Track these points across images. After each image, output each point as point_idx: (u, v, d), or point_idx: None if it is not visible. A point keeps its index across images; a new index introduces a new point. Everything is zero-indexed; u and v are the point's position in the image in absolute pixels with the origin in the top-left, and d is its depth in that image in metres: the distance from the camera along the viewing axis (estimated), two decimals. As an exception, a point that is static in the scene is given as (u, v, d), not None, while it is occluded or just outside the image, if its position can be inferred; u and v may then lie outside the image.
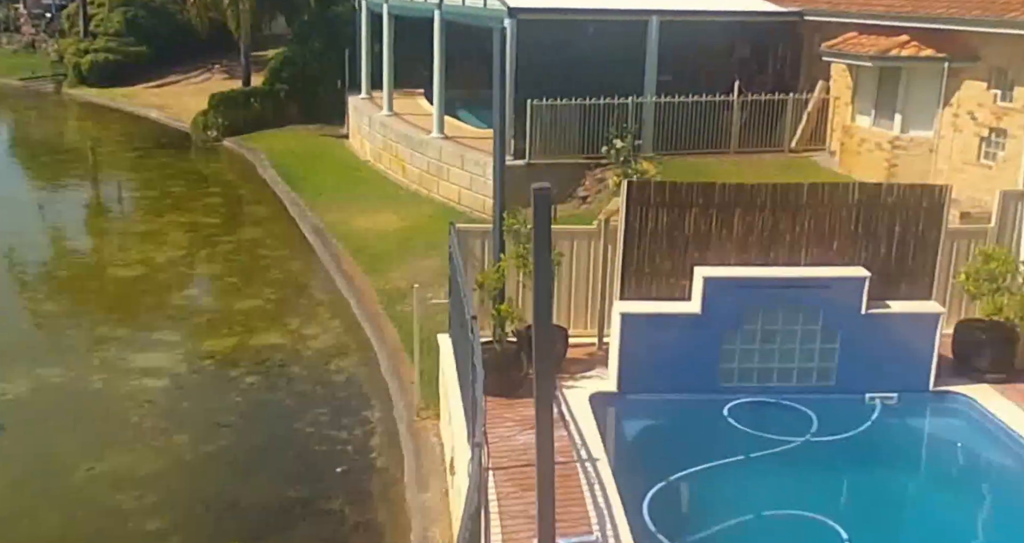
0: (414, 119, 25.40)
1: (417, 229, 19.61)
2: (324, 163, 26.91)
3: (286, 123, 31.32)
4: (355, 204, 22.07)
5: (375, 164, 25.90)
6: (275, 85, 32.07)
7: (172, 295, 17.90)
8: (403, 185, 23.59)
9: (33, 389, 13.82)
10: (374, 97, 28.04)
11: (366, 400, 13.42)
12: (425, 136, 23.29)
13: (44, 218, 22.66)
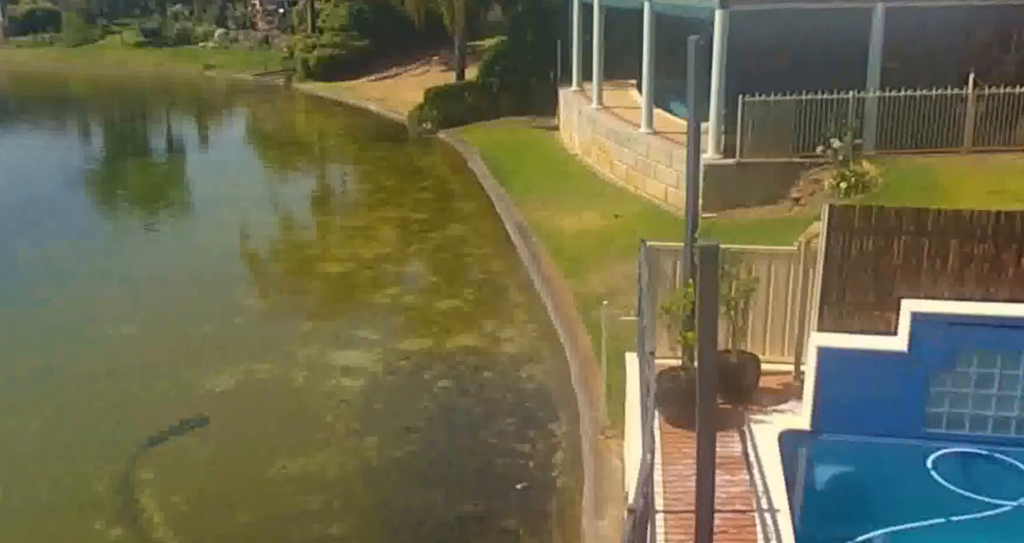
0: (623, 112, 24.90)
1: (620, 229, 19.16)
2: (533, 157, 26.89)
3: (499, 115, 31.56)
4: (560, 201, 21.87)
5: (583, 159, 25.62)
6: (488, 78, 32.37)
7: (376, 293, 18.29)
8: (610, 181, 23.19)
9: (240, 383, 14.42)
10: (585, 89, 27.73)
11: (553, 412, 13.17)
12: (633, 131, 22.77)
13: (265, 213, 23.77)
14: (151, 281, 19.25)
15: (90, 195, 27.48)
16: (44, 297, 18.52)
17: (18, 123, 39.89)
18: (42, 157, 31.86)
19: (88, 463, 12.32)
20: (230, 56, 48.87)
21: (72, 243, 21.80)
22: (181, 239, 22.67)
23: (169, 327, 16.78)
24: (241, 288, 18.50)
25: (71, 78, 49.28)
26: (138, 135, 37.61)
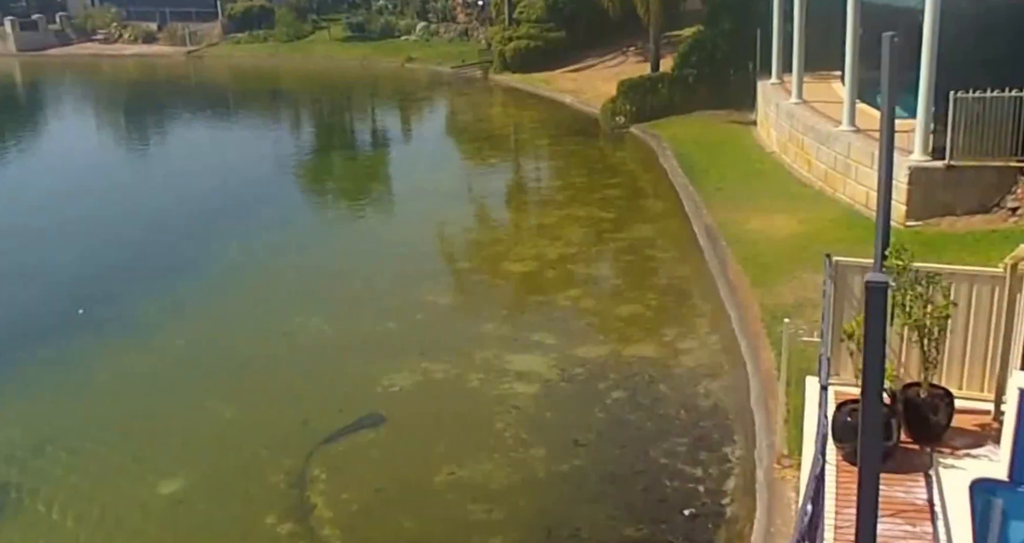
0: (824, 108, 23.60)
1: (815, 235, 18.17)
2: (726, 153, 25.99)
3: (694, 109, 30.71)
4: (752, 202, 20.99)
5: (780, 156, 24.52)
6: (683, 70, 31.53)
7: (557, 294, 18.10)
8: (807, 182, 22.07)
9: (417, 383, 14.58)
10: (784, 82, 26.51)
11: (729, 433, 12.59)
12: (833, 128, 21.54)
13: (456, 207, 24.03)
14: (343, 274, 19.84)
15: (294, 187, 28.62)
16: (243, 286, 19.47)
17: (235, 115, 42.23)
18: (254, 148, 33.53)
19: (267, 455, 12.76)
20: (430, 49, 49.98)
21: (273, 233, 22.79)
22: (374, 232, 23.25)
23: (355, 322, 17.22)
24: (426, 284, 18.71)
25: (283, 72, 51.76)
26: (343, 127, 39.00)
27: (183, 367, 15.66)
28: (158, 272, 20.27)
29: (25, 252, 21.99)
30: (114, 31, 63.29)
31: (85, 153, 34.86)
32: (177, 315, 17.83)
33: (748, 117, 28.63)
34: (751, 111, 28.63)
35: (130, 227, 23.77)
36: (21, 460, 12.80)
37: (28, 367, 15.70)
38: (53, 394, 14.78)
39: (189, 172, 30.35)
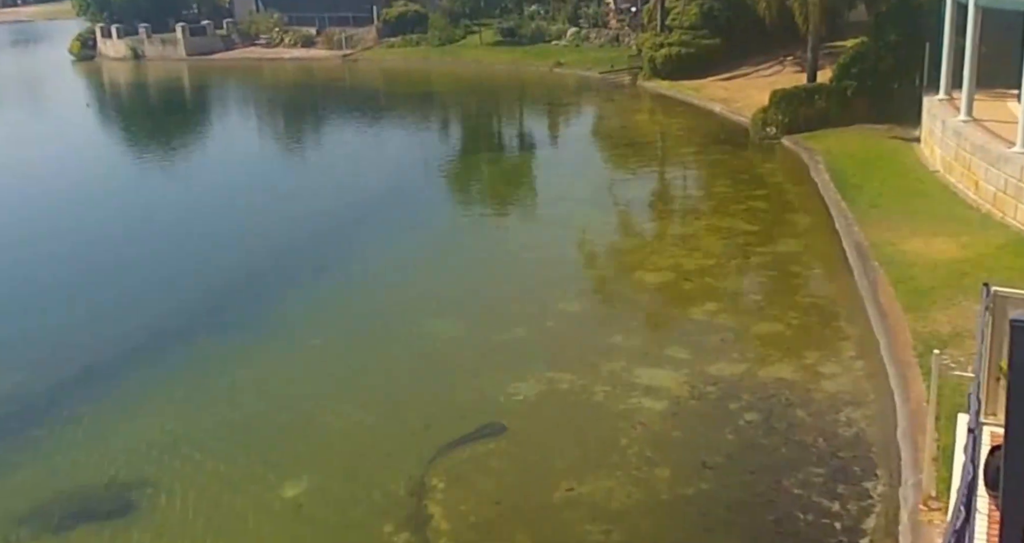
0: (997, 127, 22.01)
1: (979, 261, 16.90)
2: (884, 170, 24.60)
3: (852, 122, 29.27)
4: (909, 222, 19.73)
5: (944, 176, 23.02)
6: (842, 81, 30.12)
7: (693, 308, 17.39)
8: (972, 204, 20.59)
9: (541, 393, 14.19)
10: (953, 98, 24.90)
11: (871, 467, 11.68)
12: (1006, 149, 20.03)
13: (595, 214, 23.51)
14: (478, 278, 19.68)
15: (438, 189, 28.67)
16: (379, 287, 19.50)
17: (385, 117, 42.85)
18: (402, 149, 33.87)
19: (389, 461, 12.62)
20: (580, 54, 49.60)
21: (413, 235, 22.82)
22: (512, 237, 22.96)
23: (485, 327, 16.96)
24: (558, 291, 18.31)
25: (433, 75, 52.33)
26: (490, 130, 39.02)
27: (315, 368, 15.75)
28: (300, 271, 20.59)
29: (181, 251, 22.65)
30: (276, 36, 65.38)
31: (244, 153, 35.97)
32: (315, 315, 17.98)
33: (911, 133, 27.08)
34: (914, 127, 27.07)
35: (276, 226, 24.25)
36: (157, 458, 13.00)
37: (170, 365, 16.04)
38: (190, 392, 15.08)
39: (338, 172, 30.91)
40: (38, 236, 23.94)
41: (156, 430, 13.78)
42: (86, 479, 12.72)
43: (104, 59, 68.50)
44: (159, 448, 13.24)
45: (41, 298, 19.57)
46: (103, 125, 45.72)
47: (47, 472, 12.93)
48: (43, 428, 14.10)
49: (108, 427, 14.07)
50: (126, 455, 13.14)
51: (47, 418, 14.39)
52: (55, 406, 14.79)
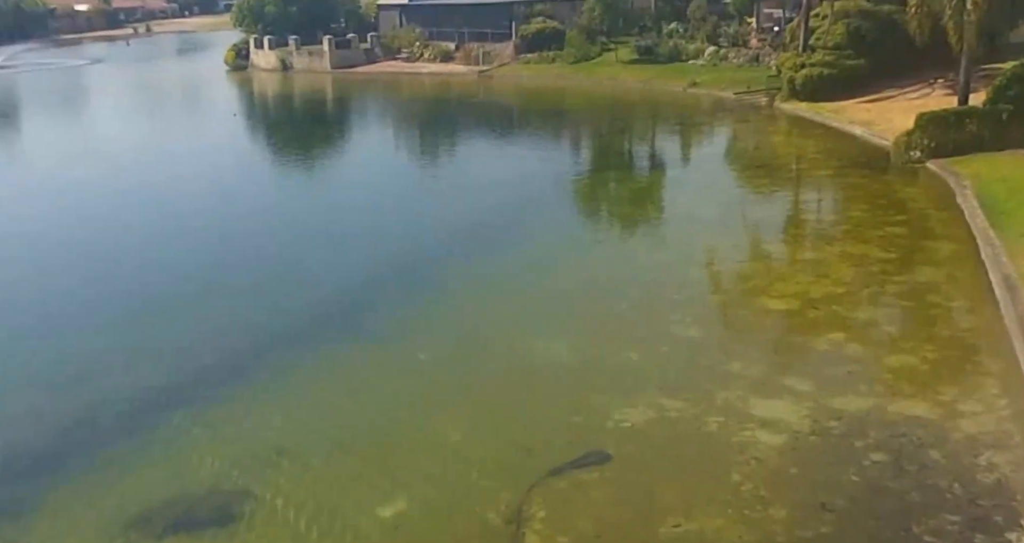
0: None
1: None
2: (1040, 197, 22.92)
3: (1005, 147, 27.47)
4: (1065, 253, 18.25)
5: (1106, 203, 21.30)
6: (997, 104, 28.34)
7: (818, 337, 16.41)
8: None
9: (651, 420, 13.56)
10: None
11: (1014, 517, 10.63)
12: None
13: (720, 235, 22.64)
14: (594, 298, 19.14)
15: (563, 205, 28.13)
16: (493, 302, 19.20)
17: (516, 133, 42.79)
18: (531, 165, 33.60)
19: (487, 485, 12.21)
20: (717, 73, 48.49)
21: (533, 251, 22.52)
22: (633, 257, 22.31)
23: (596, 349, 16.42)
24: (676, 314, 17.59)
25: (566, 92, 52.08)
26: (620, 149, 38.44)
27: (419, 383, 15.51)
28: (415, 283, 20.45)
29: (309, 258, 22.90)
30: (416, 50, 66.48)
31: (377, 164, 36.47)
32: (425, 328, 17.80)
33: (1073, 159, 25.25)
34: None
35: (399, 236, 24.38)
36: (256, 470, 12.92)
37: (273, 373, 16.09)
38: (293, 402, 15.05)
39: (466, 185, 30.93)
40: (174, 232, 24.88)
41: (258, 441, 13.74)
42: (190, 486, 12.73)
43: (255, 69, 71.16)
44: (259, 459, 13.18)
45: (173, 296, 20.09)
46: (246, 134, 47.17)
47: (156, 476, 13.00)
48: (157, 429, 14.24)
49: (215, 434, 14.13)
50: (229, 464, 13.11)
51: (161, 419, 14.53)
52: (169, 408, 14.92)
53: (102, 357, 16.92)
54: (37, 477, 13.10)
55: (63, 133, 47.46)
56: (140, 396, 15.36)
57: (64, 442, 14.12)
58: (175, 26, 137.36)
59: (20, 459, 13.66)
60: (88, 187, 32.42)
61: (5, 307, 19.80)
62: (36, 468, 13.37)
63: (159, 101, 60.58)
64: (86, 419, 14.76)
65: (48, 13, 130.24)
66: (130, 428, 14.32)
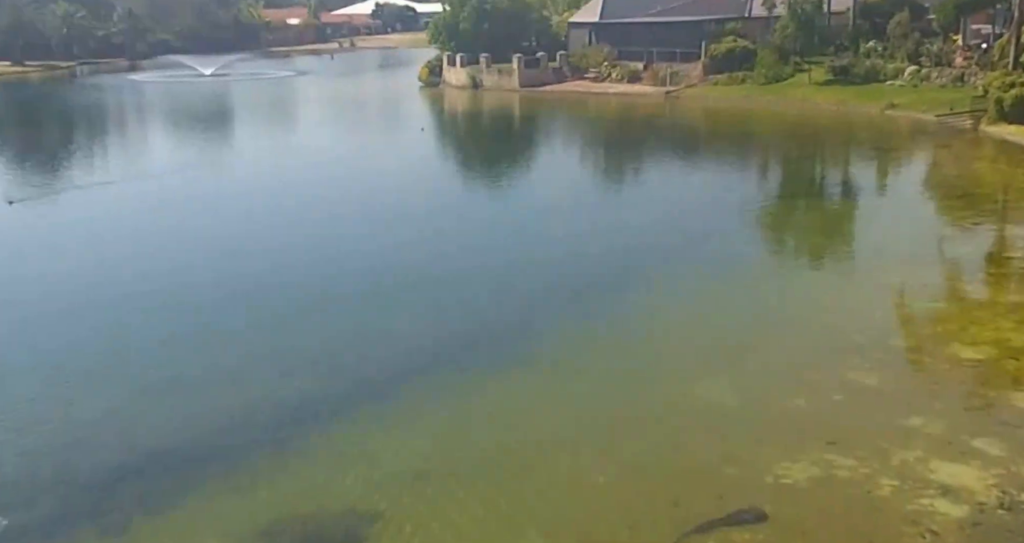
0: None
1: None
2: None
3: None
4: None
5: None
6: None
7: (1016, 393, 14.83)
8: None
9: (815, 478, 12.52)
10: None
11: None
12: None
13: (910, 271, 20.98)
14: (763, 336, 18.06)
15: (745, 233, 26.87)
16: (654, 333, 18.50)
17: (702, 157, 41.60)
18: (716, 191, 32.53)
19: (627, 536, 11.61)
20: (917, 94, 45.69)
21: (704, 280, 21.58)
22: (811, 292, 20.94)
23: (760, 393, 15.40)
24: (853, 359, 16.33)
25: (755, 115, 50.36)
26: (810, 175, 36.67)
27: (566, 415, 14.95)
28: (578, 308, 19.94)
29: (474, 273, 22.88)
30: (604, 70, 66.15)
31: (559, 183, 36.17)
32: (581, 357, 17.29)
33: None
34: None
35: (569, 258, 23.94)
36: (393, 493, 12.73)
37: (418, 393, 15.91)
38: (438, 425, 14.80)
39: (647, 209, 30.25)
40: (351, 243, 25.41)
41: (399, 462, 13.57)
42: (325, 502, 12.67)
43: (447, 86, 72.80)
44: (397, 481, 12.99)
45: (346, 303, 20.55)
46: (434, 148, 48.06)
47: (290, 491, 13.02)
48: (300, 440, 14.31)
49: (357, 451, 14.05)
50: (366, 484, 12.99)
51: (307, 430, 14.60)
52: (315, 420, 15.00)
53: (250, 361, 17.34)
54: (175, 479, 13.37)
55: (266, 142, 49.79)
56: (289, 404, 15.56)
57: (208, 445, 14.43)
58: (378, 42, 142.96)
59: (162, 459, 13.98)
60: (292, 193, 33.72)
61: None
62: (175, 470, 13.65)
63: (354, 115, 62.85)
64: (237, 422, 15.07)
65: (263, 26, 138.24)
66: (274, 437, 14.46)
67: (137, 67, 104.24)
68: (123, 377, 16.79)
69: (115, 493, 13.05)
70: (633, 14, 67.21)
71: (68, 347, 18.50)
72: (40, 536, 12.24)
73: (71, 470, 13.67)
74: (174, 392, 16.20)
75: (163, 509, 12.62)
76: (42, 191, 34.79)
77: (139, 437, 14.65)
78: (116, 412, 15.49)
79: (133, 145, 51.12)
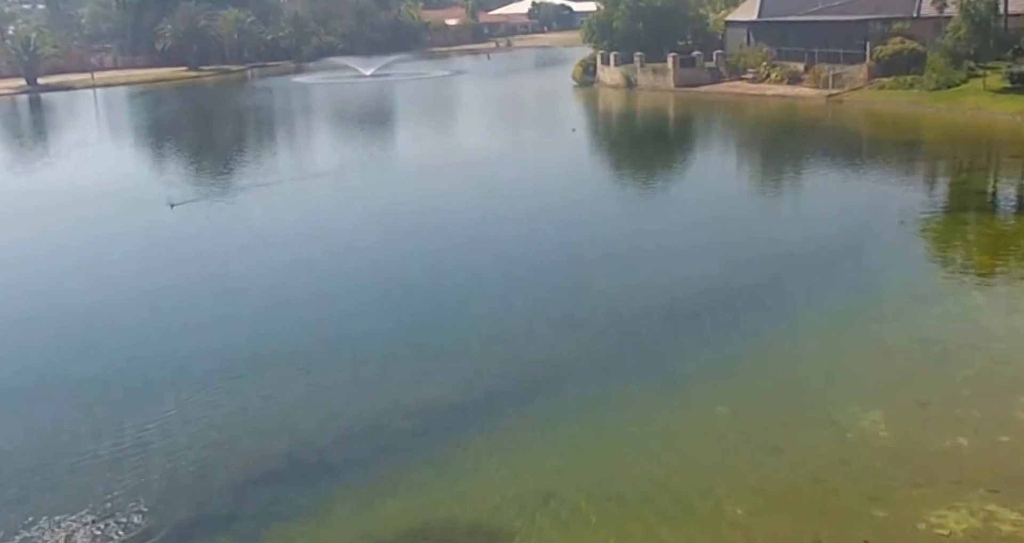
0: None
1: None
2: None
3: None
4: None
5: None
6: None
7: None
8: None
9: (974, 531, 11.65)
10: None
11: None
12: None
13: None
14: (924, 362, 17.01)
15: (908, 251, 25.26)
16: (801, 354, 17.72)
17: (864, 165, 39.63)
18: (878, 200, 31.05)
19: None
20: (1107, 105, 42.48)
21: (859, 300, 20.52)
22: (981, 317, 19.45)
23: (917, 427, 14.44)
24: (1020, 396, 15.10)
25: (923, 122, 47.74)
26: (982, 189, 34.28)
27: (711, 441, 14.37)
28: (725, 321, 19.32)
29: (615, 279, 22.48)
30: (763, 71, 64.35)
31: (714, 186, 35.43)
32: (728, 377, 16.64)
33: None
34: None
35: (714, 264, 23.38)
36: (526, 512, 12.51)
37: (558, 406, 15.69)
38: (570, 441, 14.53)
39: (800, 215, 29.37)
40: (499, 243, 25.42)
41: (530, 479, 13.37)
42: (452, 519, 12.57)
43: (601, 86, 72.45)
44: (530, 500, 12.74)
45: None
46: (584, 149, 47.76)
47: (423, 500, 13.01)
48: (438, 449, 14.32)
49: (496, 464, 13.91)
50: (501, 499, 12.83)
51: (446, 439, 14.64)
52: (457, 428, 14.98)
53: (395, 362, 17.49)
54: (314, 481, 13.52)
55: (423, 141, 50.68)
56: (430, 411, 15.58)
57: (348, 449, 14.57)
58: (534, 41, 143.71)
59: (303, 460, 14.20)
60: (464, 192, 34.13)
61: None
62: (315, 472, 13.82)
63: (507, 114, 63.17)
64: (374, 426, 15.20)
65: (423, 27, 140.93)
66: (409, 446, 14.48)
67: (303, 69, 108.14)
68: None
69: (247, 498, 13.29)
70: (793, 12, 65.08)
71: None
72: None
73: (209, 470, 14.01)
74: (318, 395, 16.52)
75: (292, 515, 12.75)
76: (205, 193, 36.20)
77: (274, 440, 14.94)
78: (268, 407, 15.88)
79: (298, 145, 52.94)
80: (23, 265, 26.37)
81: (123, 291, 23.22)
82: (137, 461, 14.23)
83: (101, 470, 13.98)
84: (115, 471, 13.94)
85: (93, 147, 54.66)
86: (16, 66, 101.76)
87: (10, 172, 46.08)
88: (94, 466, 14.12)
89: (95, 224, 31.27)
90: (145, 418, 15.59)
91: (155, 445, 14.73)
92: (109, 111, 78.53)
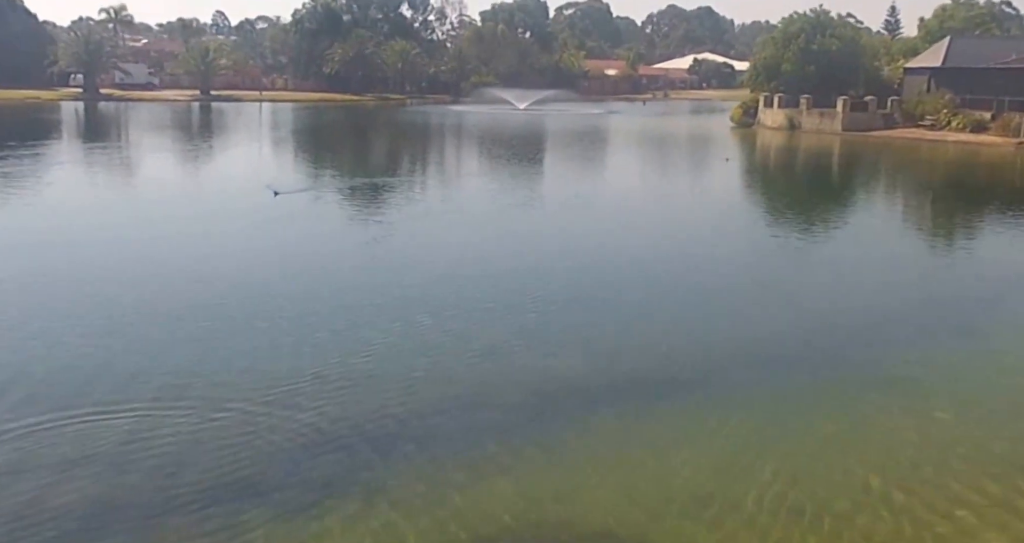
0: None
1: None
2: None
3: None
4: None
5: None
6: None
7: None
8: None
9: None
10: None
11: None
12: None
13: None
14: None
15: None
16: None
17: None
18: None
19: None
20: None
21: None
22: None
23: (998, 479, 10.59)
24: None
25: None
26: None
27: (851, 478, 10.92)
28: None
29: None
30: (943, 118, 59.78)
31: (873, 227, 31.55)
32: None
33: None
34: None
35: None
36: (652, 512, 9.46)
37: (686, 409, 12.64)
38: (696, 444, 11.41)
39: (970, 271, 25.19)
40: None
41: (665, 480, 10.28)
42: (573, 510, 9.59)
43: (761, 127, 69.12)
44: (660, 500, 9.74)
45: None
46: (737, 180, 44.25)
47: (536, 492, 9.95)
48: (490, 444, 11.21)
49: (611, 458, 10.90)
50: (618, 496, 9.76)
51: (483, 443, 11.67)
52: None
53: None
54: (412, 464, 10.52)
55: (567, 169, 48.19)
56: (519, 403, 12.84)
57: (452, 431, 11.50)
58: (691, 95, 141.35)
59: (401, 441, 11.25)
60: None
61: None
62: (414, 455, 10.81)
63: (657, 148, 60.22)
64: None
65: (583, 74, 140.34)
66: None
67: (459, 102, 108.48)
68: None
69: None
70: (982, 60, 60.50)
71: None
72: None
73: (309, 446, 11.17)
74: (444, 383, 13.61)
75: (393, 493, 9.84)
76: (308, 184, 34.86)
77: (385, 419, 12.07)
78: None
79: (432, 156, 51.53)
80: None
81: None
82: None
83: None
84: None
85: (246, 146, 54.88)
86: (195, 77, 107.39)
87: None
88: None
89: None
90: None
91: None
92: (272, 116, 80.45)
